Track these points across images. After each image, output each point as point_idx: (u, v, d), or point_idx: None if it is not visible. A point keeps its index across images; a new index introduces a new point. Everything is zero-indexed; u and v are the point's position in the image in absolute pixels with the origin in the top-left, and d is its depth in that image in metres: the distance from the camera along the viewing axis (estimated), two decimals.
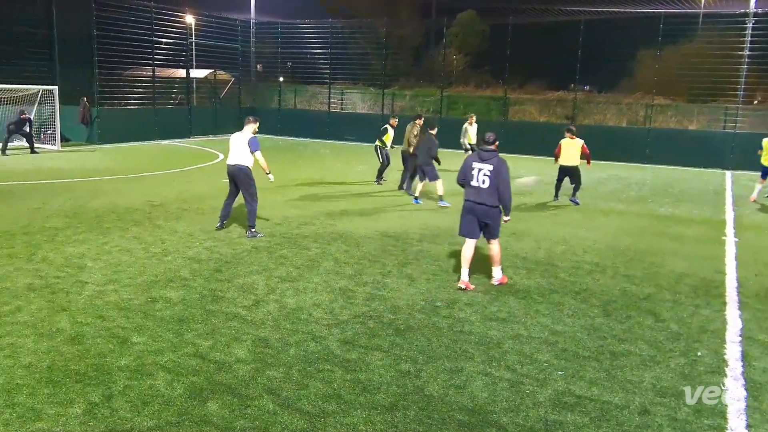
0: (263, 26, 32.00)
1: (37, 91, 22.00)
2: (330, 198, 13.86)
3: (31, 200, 12.28)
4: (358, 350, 5.79)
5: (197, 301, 6.94)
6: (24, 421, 4.39)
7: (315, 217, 11.62)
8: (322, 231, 10.56)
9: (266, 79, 33.83)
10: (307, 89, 33.84)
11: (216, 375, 5.19)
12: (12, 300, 6.71)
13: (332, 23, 30.09)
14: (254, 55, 32.12)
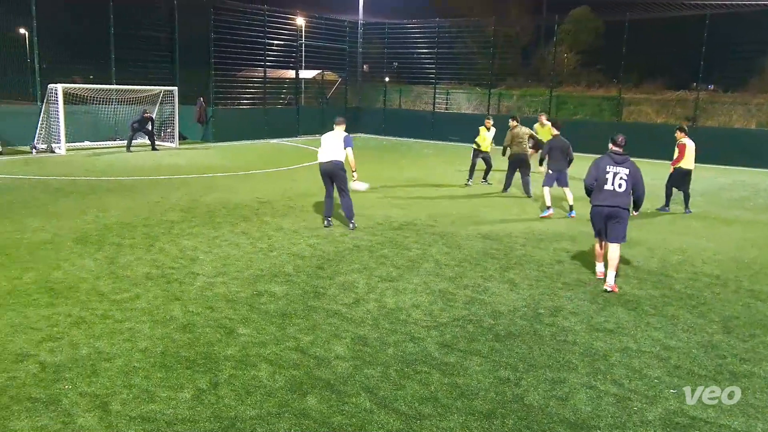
0: (371, 27, 32.51)
1: (159, 91, 23.54)
2: (432, 199, 13.86)
3: (152, 194, 13.15)
4: (456, 354, 5.75)
5: (300, 296, 7.16)
6: (139, 401, 4.71)
7: (416, 218, 11.66)
8: (424, 232, 10.58)
9: (372, 79, 34.35)
10: (412, 89, 34.03)
11: (315, 370, 5.33)
12: (132, 287, 7.23)
13: (439, 23, 30.08)
14: (361, 55, 32.71)
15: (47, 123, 20.42)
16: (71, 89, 20.82)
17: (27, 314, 6.30)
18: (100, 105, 22.26)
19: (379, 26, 32.30)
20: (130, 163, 18.19)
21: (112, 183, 14.60)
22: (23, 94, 22.74)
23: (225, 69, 25.76)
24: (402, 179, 16.66)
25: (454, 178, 17.33)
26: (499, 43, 30.08)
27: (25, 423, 4.35)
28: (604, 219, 7.70)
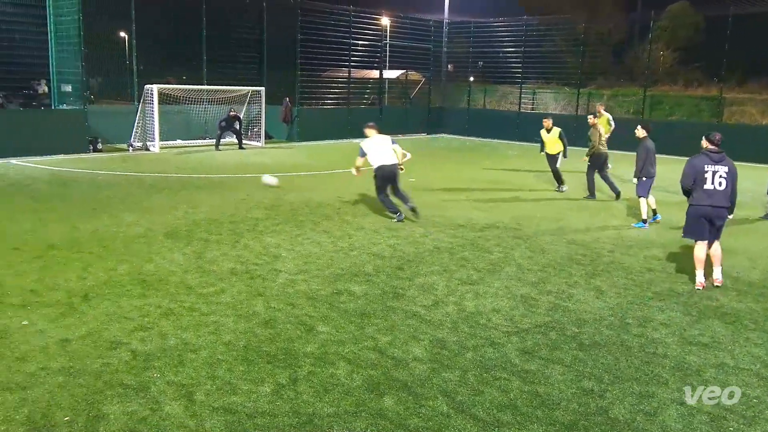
0: (456, 26, 32.33)
1: (247, 91, 24.35)
2: (515, 201, 13.64)
3: (238, 192, 13.63)
4: (537, 361, 5.63)
5: (379, 296, 7.22)
6: (222, 393, 4.89)
7: (499, 220, 11.50)
8: (506, 235, 10.42)
9: (456, 78, 34.17)
10: (497, 89, 33.57)
11: (393, 371, 5.36)
12: (217, 282, 7.51)
13: (527, 20, 29.53)
14: (446, 54, 32.59)
15: (143, 122, 21.56)
16: (165, 90, 21.88)
17: (121, 304, 6.67)
18: (192, 105, 23.28)
19: (464, 25, 32.06)
20: (218, 161, 18.91)
21: (201, 180, 15.24)
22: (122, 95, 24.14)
23: (310, 69, 26.35)
24: (485, 181, 16.48)
25: (539, 180, 16.97)
26: (589, 41, 29.19)
27: (116, 407, 4.61)
28: (707, 219, 7.66)
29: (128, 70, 22.47)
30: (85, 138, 19.45)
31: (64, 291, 7.01)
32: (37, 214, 10.88)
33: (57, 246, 8.83)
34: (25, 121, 19.00)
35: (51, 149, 18.41)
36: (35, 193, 12.92)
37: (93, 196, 12.71)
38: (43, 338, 5.74)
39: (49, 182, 14.32)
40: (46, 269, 7.78)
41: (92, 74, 22.58)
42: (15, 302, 6.62)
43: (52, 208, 11.47)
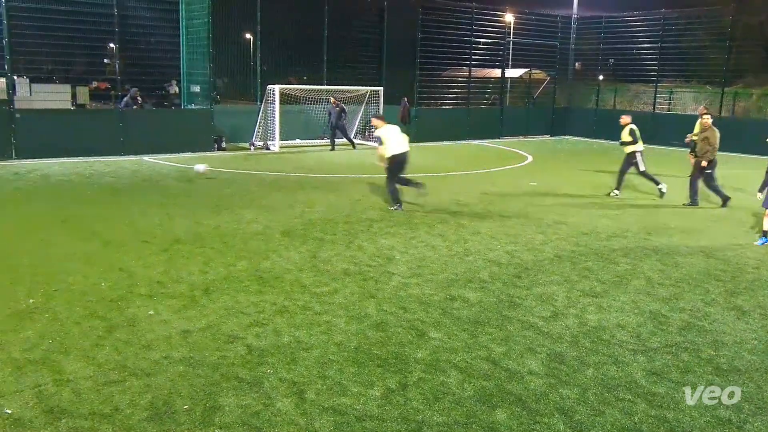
0: (585, 21, 31.26)
1: (366, 92, 24.86)
2: (646, 208, 12.97)
3: (354, 192, 13.94)
4: (666, 384, 5.32)
5: (494, 305, 7.12)
6: (332, 393, 5.01)
7: (627, 229, 11.00)
8: (635, 245, 9.94)
9: (584, 77, 33.06)
10: (628, 88, 32.13)
11: (507, 383, 5.26)
12: (331, 282, 7.72)
13: (665, 14, 28.01)
14: (573, 52, 31.62)
15: (265, 122, 22.60)
16: (287, 90, 22.80)
17: (238, 299, 7.03)
18: (312, 105, 24.10)
19: (595, 20, 30.94)
20: (335, 162, 19.46)
21: (318, 180, 15.74)
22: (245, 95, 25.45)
23: (430, 68, 26.47)
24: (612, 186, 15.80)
25: (674, 186, 16.04)
26: (737, 35, 27.21)
27: (231, 400, 4.85)
28: None
29: (252, 70, 23.65)
30: (210, 137, 20.69)
31: (187, 284, 7.49)
32: (164, 209, 11.70)
33: (182, 240, 9.45)
34: (157, 120, 20.56)
35: (179, 147, 19.73)
36: (164, 189, 13.90)
37: (216, 193, 13.49)
38: (167, 328, 6.17)
39: (176, 179, 15.36)
40: (172, 262, 8.34)
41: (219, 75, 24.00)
42: (143, 292, 7.15)
43: (178, 203, 12.29)
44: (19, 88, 18.14)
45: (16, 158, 17.23)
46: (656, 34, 28.14)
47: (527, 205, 12.95)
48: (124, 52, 19.87)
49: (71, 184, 14.31)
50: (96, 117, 20.44)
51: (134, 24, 20.24)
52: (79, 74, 22.65)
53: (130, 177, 15.39)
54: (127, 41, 20.10)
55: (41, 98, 18.63)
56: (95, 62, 21.84)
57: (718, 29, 27.66)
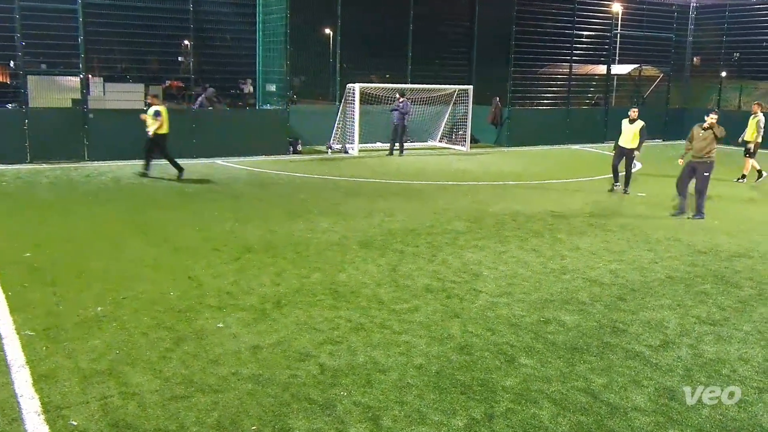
0: (706, 10, 30.08)
1: (453, 91, 24.84)
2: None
3: (438, 200, 13.94)
4: None
5: (594, 330, 6.93)
6: (410, 421, 5.00)
7: (754, 249, 10.47)
8: (762, 267, 9.45)
9: (703, 74, 31.78)
10: (756, 86, 30.65)
11: (607, 419, 5.10)
12: (411, 299, 7.73)
13: None
14: (691, 45, 30.47)
15: (343, 123, 22.96)
16: (367, 89, 23.08)
17: (312, 314, 7.14)
18: None
19: (717, 9, 29.71)
20: (417, 166, 19.51)
21: (399, 186, 15.82)
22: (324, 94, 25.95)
23: (525, 65, 26.14)
24: (737, 199, 15.11)
25: None
26: None
27: (302, 423, 4.93)
28: None
29: (331, 68, 24.09)
30: (285, 139, 21.20)
31: (257, 296, 7.68)
32: (236, 214, 12.06)
33: (253, 249, 9.71)
34: (231, 121, 21.22)
35: (253, 150, 20.33)
36: (236, 194, 14.34)
37: (290, 199, 13.80)
38: (237, 343, 6.34)
39: (249, 183, 15.83)
40: (242, 272, 8.58)
41: (296, 73, 24.58)
42: (212, 303, 7.39)
43: (250, 209, 12.65)
44: (92, 88, 19.21)
45: (88, 160, 18.23)
46: None
47: (634, 219, 12.55)
48: (198, 49, 20.68)
49: (142, 187, 15.00)
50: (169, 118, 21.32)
51: (209, 20, 21.03)
52: (152, 73, 23.74)
53: (203, 181, 15.97)
54: (202, 38, 20.93)
55: (114, 98, 19.63)
56: (169, 60, 22.80)
57: None
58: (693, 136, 12.83)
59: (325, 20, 25.24)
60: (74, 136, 18.25)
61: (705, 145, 12.60)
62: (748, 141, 17.71)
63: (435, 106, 25.17)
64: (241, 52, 22.78)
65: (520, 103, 26.41)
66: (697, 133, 12.76)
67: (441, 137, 25.81)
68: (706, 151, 12.62)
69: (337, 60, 23.50)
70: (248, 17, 22.10)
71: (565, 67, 27.46)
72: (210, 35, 21.68)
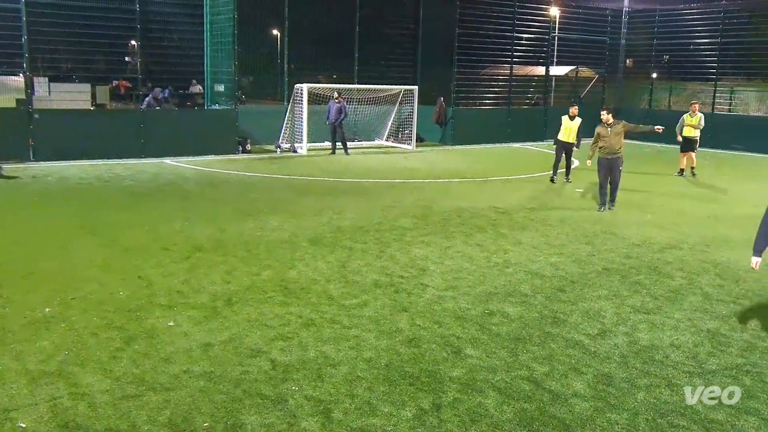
0: (638, 15, 30.87)
1: (399, 91, 24.91)
2: (705, 218, 12.73)
3: (385, 198, 13.97)
4: (725, 410, 5.20)
5: (536, 320, 7.06)
6: (360, 413, 5.01)
7: (683, 241, 10.81)
8: (691, 258, 9.76)
9: (636, 75, 32.62)
10: (685, 87, 31.60)
11: (549, 406, 5.20)
12: (360, 294, 7.74)
13: (726, 6, 27.50)
14: (624, 48, 31.24)
15: (292, 123, 22.80)
16: (315, 89, 22.97)
17: (263, 311, 7.08)
18: None
19: (648, 14, 30.52)
20: (365, 165, 19.52)
21: (348, 184, 15.81)
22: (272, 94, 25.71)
23: (468, 66, 26.40)
24: (666, 193, 15.56)
25: (736, 194, 15.73)
26: None
27: (254, 418, 4.89)
28: None
29: (279, 68, 23.88)
30: (234, 138, 20.94)
31: (208, 294, 7.58)
32: (186, 214, 11.86)
33: (204, 248, 9.57)
34: (179, 121, 20.87)
35: (202, 150, 19.99)
36: (186, 194, 14.10)
37: (240, 198, 13.64)
38: (188, 341, 6.24)
39: (199, 183, 15.58)
40: (193, 271, 8.45)
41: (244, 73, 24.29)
42: (163, 302, 7.26)
43: (200, 209, 12.45)
44: (37, 88, 18.61)
45: (34, 160, 17.66)
46: (716, 28, 27.64)
47: (573, 214, 12.82)
48: (145, 49, 20.26)
49: (90, 187, 14.61)
50: (116, 118, 20.88)
51: (156, 20, 20.61)
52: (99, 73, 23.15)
53: (151, 181, 15.66)
54: (149, 38, 20.50)
55: (60, 98, 19.07)
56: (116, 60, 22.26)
57: None
58: (601, 136, 13.15)
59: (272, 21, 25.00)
60: (19, 136, 17.64)
61: (615, 141, 13.00)
62: (688, 137, 18.26)
63: (382, 105, 25.21)
64: (189, 52, 22.39)
65: (464, 103, 26.66)
66: (604, 132, 13.08)
67: (388, 136, 25.88)
68: (618, 147, 13.02)
69: (285, 60, 23.31)
70: (196, 17, 21.74)
71: (506, 69, 27.82)
72: (157, 35, 21.25)
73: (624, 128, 13.10)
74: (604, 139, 13.04)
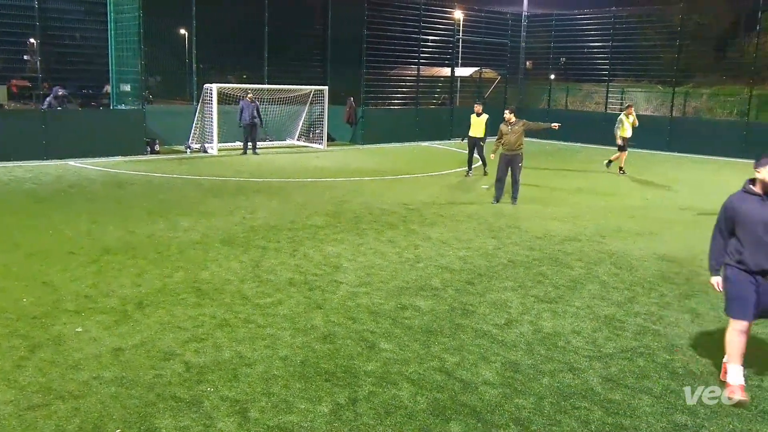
0: (536, 19, 31.95)
1: (310, 91, 24.78)
2: (600, 211, 13.31)
3: (298, 197, 13.86)
4: (622, 390, 5.46)
5: (447, 313, 7.18)
6: (277, 411, 4.96)
7: (581, 233, 11.26)
8: (589, 249, 10.19)
9: (535, 77, 33.74)
10: (580, 88, 32.95)
11: (461, 395, 5.31)
12: (274, 293, 7.65)
13: (615, 12, 28.85)
14: (524, 50, 32.25)
15: (201, 123, 22.26)
16: (225, 89, 22.51)
17: (175, 313, 6.89)
18: None
19: (545, 18, 31.65)
20: (277, 165, 19.31)
21: (260, 184, 15.58)
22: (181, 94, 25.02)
23: (377, 67, 26.56)
24: (566, 189, 16.17)
25: (628, 188, 16.53)
26: (687, 34, 28.25)
27: (168, 422, 4.75)
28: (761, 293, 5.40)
29: (187, 68, 23.27)
30: (142, 139, 20.24)
31: (118, 298, 7.30)
32: (93, 216, 11.38)
33: (112, 250, 9.21)
34: (84, 121, 19.97)
35: (108, 150, 19.23)
36: (92, 196, 13.53)
37: (149, 200, 13.20)
38: (97, 346, 5.99)
39: (106, 184, 14.97)
40: (101, 274, 8.12)
41: (151, 73, 23.51)
42: (70, 308, 6.93)
43: (108, 211, 11.97)
44: None
45: None
46: (607, 32, 28.95)
47: (479, 209, 13.12)
48: (45, 47, 19.28)
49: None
50: (16, 118, 19.76)
51: (57, 18, 19.67)
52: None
53: (55, 183, 14.93)
54: (49, 36, 19.53)
55: None
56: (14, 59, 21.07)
57: (668, 28, 28.68)
58: (502, 133, 13.70)
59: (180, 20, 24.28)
60: None
61: (515, 139, 13.55)
62: (626, 137, 18.99)
63: (292, 105, 25.00)
64: (92, 51, 21.45)
65: (373, 103, 26.80)
66: (506, 130, 13.63)
67: (299, 136, 25.70)
68: (517, 144, 13.57)
69: (194, 60, 22.73)
70: (99, 15, 20.84)
71: (413, 69, 28.18)
72: (58, 33, 20.25)
73: (524, 126, 13.73)
74: (505, 137, 13.56)
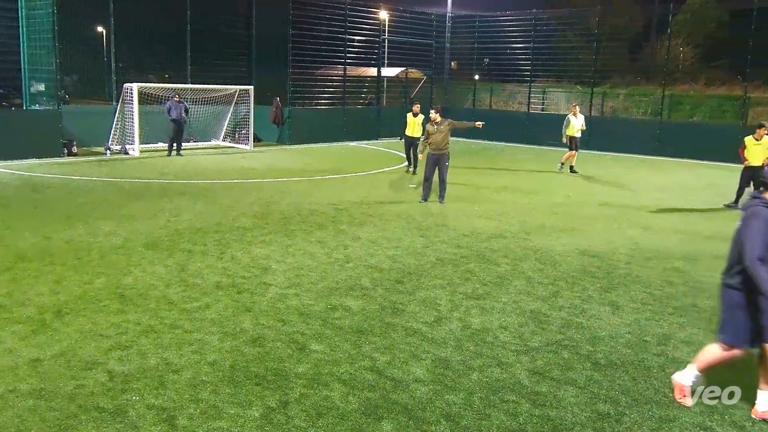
0: (460, 20, 32.46)
1: (235, 91, 24.38)
2: (525, 209, 13.65)
3: (224, 198, 13.62)
4: (548, 383, 5.62)
5: (377, 312, 7.21)
6: (206, 417, 4.86)
7: (506, 230, 11.51)
8: (514, 246, 10.43)
9: (460, 77, 34.25)
10: (504, 88, 33.65)
11: (392, 393, 5.34)
12: (202, 297, 7.50)
13: (536, 14, 29.66)
14: (449, 51, 32.70)
15: (122, 124, 21.56)
16: (146, 89, 21.88)
17: (97, 321, 6.65)
18: None
19: (468, 19, 32.20)
20: (202, 166, 18.92)
21: (184, 186, 15.22)
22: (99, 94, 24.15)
23: (303, 67, 26.39)
24: (491, 187, 16.50)
25: (551, 186, 17.00)
26: (604, 37, 29.29)
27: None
28: None
29: (106, 67, 22.50)
30: (59, 141, 19.43)
31: (35, 306, 6.99)
32: (5, 222, 10.86)
33: (27, 257, 8.80)
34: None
35: (22, 153, 18.38)
36: (5, 200, 12.90)
37: (67, 204, 12.69)
38: (13, 358, 5.72)
39: (19, 188, 14.31)
40: (16, 282, 7.75)
41: (67, 72, 22.61)
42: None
43: (22, 216, 11.45)
44: None
45: None
46: (528, 33, 29.71)
47: (408, 208, 13.22)
48: None
49: None
50: None
51: None
52: None
53: None
54: None
55: None
56: None
57: (585, 30, 29.66)
58: (429, 133, 13.86)
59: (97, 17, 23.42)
60: None
61: (441, 139, 13.70)
62: (572, 136, 19.38)
63: (217, 106, 24.54)
64: (2, 49, 20.44)
65: (300, 103, 26.63)
66: (432, 129, 13.80)
67: (224, 136, 25.25)
68: (444, 144, 13.73)
69: (112, 59, 21.98)
70: (9, 11, 19.89)
71: (339, 70, 28.14)
72: None
73: (450, 126, 13.88)
74: (432, 136, 13.68)
